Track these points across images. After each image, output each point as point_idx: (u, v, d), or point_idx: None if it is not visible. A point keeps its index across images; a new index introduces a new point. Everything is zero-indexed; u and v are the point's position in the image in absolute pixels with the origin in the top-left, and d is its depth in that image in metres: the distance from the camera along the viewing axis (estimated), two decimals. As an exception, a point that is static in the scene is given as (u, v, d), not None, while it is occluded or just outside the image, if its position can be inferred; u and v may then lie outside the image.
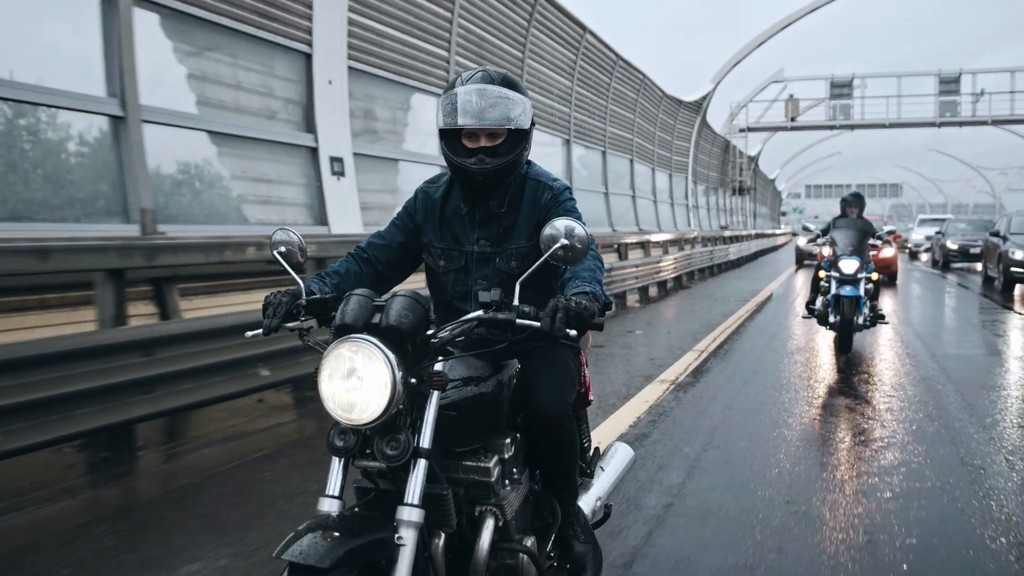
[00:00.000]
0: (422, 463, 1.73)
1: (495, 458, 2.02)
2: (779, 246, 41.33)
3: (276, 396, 5.69)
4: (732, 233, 29.36)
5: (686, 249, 18.97)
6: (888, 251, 8.84)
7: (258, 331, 1.97)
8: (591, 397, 2.57)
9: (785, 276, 20.01)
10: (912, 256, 29.10)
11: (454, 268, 2.24)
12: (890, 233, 8.83)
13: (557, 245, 1.80)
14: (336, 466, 1.76)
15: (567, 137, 14.84)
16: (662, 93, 21.52)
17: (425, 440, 1.74)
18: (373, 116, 8.95)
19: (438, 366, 1.79)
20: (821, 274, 8.00)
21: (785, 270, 22.30)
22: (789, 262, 25.82)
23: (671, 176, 24.01)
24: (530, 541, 2.12)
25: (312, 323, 1.99)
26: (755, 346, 8.49)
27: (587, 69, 15.37)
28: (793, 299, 13.71)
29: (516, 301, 1.77)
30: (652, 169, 21.55)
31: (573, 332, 1.72)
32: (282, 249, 2.06)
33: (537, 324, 1.73)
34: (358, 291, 1.80)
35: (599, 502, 2.57)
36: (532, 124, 2.14)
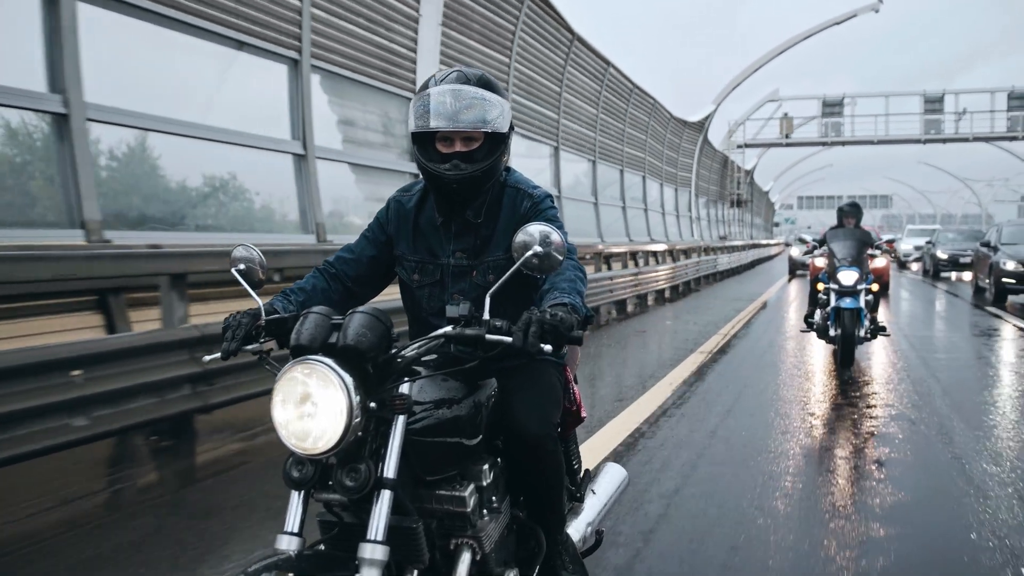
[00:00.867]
0: (386, 494, 1.58)
1: (471, 486, 1.87)
2: (772, 256, 41.86)
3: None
4: (731, 243, 31.56)
5: (693, 257, 21.19)
6: (880, 261, 9.81)
7: (216, 355, 1.83)
8: (583, 414, 2.40)
9: (780, 284, 21.88)
10: (901, 266, 29.07)
11: (429, 282, 2.11)
12: (888, 242, 8.77)
13: (530, 252, 1.67)
14: (295, 499, 1.62)
15: (592, 158, 16.90)
16: (670, 115, 23.64)
17: (390, 470, 1.60)
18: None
19: (404, 388, 1.66)
20: (819, 286, 7.77)
21: (779, 279, 23.33)
22: (783, 271, 26.53)
23: (676, 190, 26.14)
24: (512, 574, 2.00)
25: (272, 344, 1.87)
26: (768, 329, 10.55)
27: (609, 98, 17.46)
28: (790, 301, 15.77)
29: (487, 315, 1.64)
30: (660, 184, 23.67)
31: (548, 348, 1.60)
32: (241, 266, 1.94)
33: (509, 339, 1.60)
34: (315, 309, 1.66)
35: (589, 528, 2.41)
36: (511, 128, 2.02)
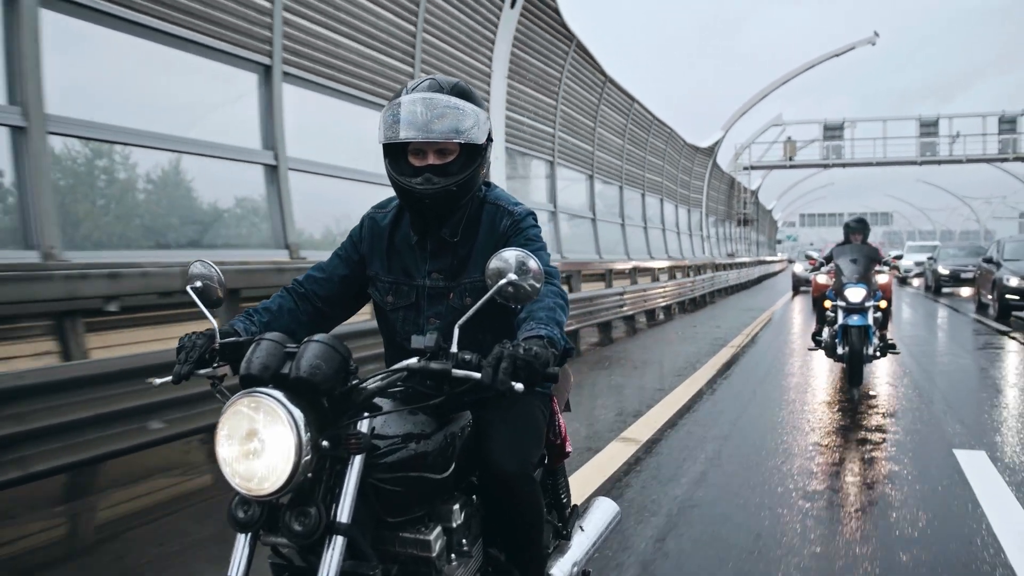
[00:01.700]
0: (339, 540, 1.43)
1: (437, 528, 1.71)
2: (775, 272, 42.90)
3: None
4: (739, 260, 33.47)
5: (708, 273, 23.09)
6: (883, 277, 9.68)
7: (167, 378, 1.67)
8: (568, 448, 2.26)
9: (785, 299, 23.62)
10: (902, 282, 29.45)
11: (403, 305, 1.97)
12: (896, 258, 8.67)
13: (504, 281, 1.50)
14: (240, 542, 1.47)
15: (620, 184, 18.80)
16: (683, 142, 25.58)
17: (343, 514, 1.45)
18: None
19: (364, 424, 1.51)
20: (827, 304, 7.65)
21: (784, 294, 24.31)
22: (787, 286, 27.44)
23: (689, 211, 28.04)
24: None
25: (227, 370, 1.73)
26: (780, 333, 12.31)
27: (634, 130, 19.39)
28: (792, 316, 17.59)
29: (455, 347, 1.48)
30: (676, 205, 25.58)
31: (519, 386, 1.43)
32: (198, 284, 1.80)
33: (477, 376, 1.45)
34: (268, 335, 1.52)
35: (575, 568, 2.22)
36: (489, 140, 1.88)
